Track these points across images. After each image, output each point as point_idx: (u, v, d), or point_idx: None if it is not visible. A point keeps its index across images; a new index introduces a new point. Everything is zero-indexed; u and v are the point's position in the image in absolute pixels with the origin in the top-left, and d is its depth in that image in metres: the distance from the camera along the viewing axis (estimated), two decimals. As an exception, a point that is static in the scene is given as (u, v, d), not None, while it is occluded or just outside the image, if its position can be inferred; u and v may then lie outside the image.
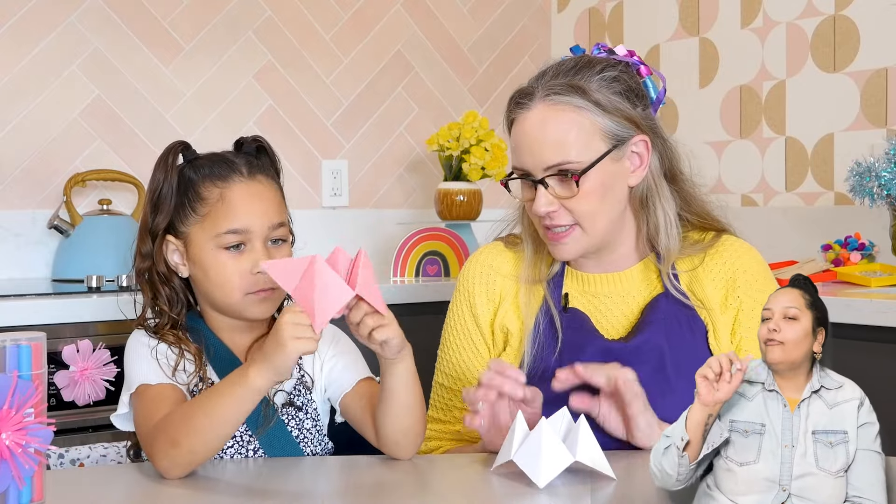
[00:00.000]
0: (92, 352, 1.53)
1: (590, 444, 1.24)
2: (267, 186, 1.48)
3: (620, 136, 1.50)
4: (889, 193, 2.35)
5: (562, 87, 1.49)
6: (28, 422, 1.09)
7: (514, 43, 3.51)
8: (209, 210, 1.45)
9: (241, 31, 3.00)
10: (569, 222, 1.50)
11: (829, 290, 2.27)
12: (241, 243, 1.44)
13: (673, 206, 1.55)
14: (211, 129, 2.92)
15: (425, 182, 3.33)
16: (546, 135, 1.48)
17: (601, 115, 1.49)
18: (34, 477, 1.13)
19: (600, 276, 1.57)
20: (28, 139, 2.68)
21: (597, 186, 1.49)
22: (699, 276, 1.53)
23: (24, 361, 1.13)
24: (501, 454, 1.27)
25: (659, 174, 1.55)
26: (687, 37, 3.17)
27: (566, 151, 1.47)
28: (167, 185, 1.47)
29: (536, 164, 1.49)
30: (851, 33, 2.77)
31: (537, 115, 1.49)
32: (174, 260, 1.48)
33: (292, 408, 1.48)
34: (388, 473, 1.32)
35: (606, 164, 1.49)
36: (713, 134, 3.09)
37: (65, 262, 2.58)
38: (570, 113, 1.48)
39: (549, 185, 1.49)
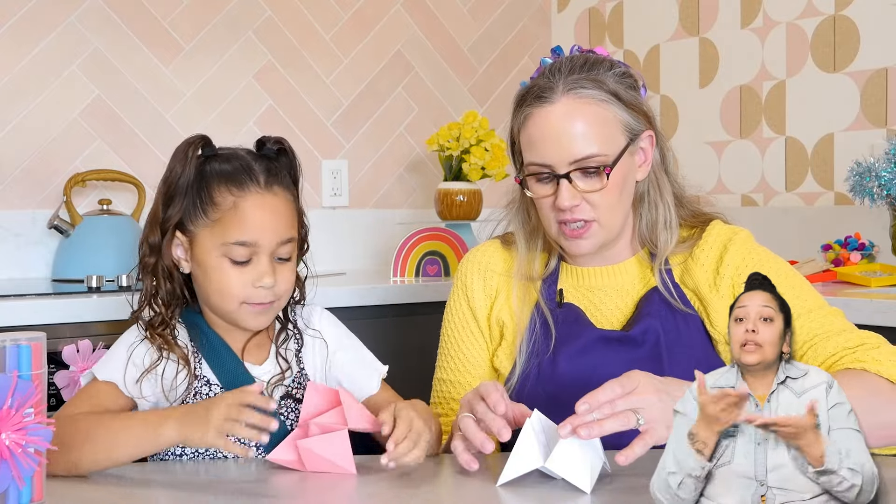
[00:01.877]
0: (92, 352, 1.54)
1: (569, 452, 1.21)
2: (282, 200, 1.46)
3: (636, 130, 1.52)
4: (889, 193, 2.35)
5: (585, 80, 1.50)
6: (28, 422, 1.09)
7: (514, 43, 3.51)
8: (220, 216, 1.43)
9: (241, 31, 3.00)
10: (590, 217, 1.51)
11: (829, 290, 2.27)
12: (248, 256, 1.43)
13: (673, 201, 1.57)
14: (211, 129, 2.88)
15: (425, 182, 3.33)
16: (573, 128, 1.48)
17: (621, 109, 1.51)
18: (34, 477, 1.13)
19: (596, 269, 1.59)
20: (28, 139, 2.68)
21: (619, 180, 1.51)
22: (689, 267, 1.55)
23: (24, 361, 1.13)
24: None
25: (661, 169, 1.57)
26: (687, 37, 3.17)
27: (593, 144, 1.48)
28: (184, 178, 1.45)
29: (563, 157, 1.49)
30: (851, 33, 2.77)
31: (562, 109, 1.49)
32: (177, 254, 1.47)
33: (291, 400, 1.48)
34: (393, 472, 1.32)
35: (625, 158, 1.51)
36: (713, 134, 3.09)
37: (65, 262, 2.58)
38: (594, 106, 1.49)
39: (573, 180, 1.50)
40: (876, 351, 1.40)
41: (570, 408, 1.34)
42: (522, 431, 1.24)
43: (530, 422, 1.26)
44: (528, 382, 1.51)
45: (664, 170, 1.58)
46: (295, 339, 1.53)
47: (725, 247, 1.54)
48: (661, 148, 1.58)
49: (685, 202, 1.61)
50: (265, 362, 1.50)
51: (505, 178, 2.99)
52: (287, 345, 1.52)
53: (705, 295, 1.52)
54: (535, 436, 1.24)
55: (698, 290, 1.53)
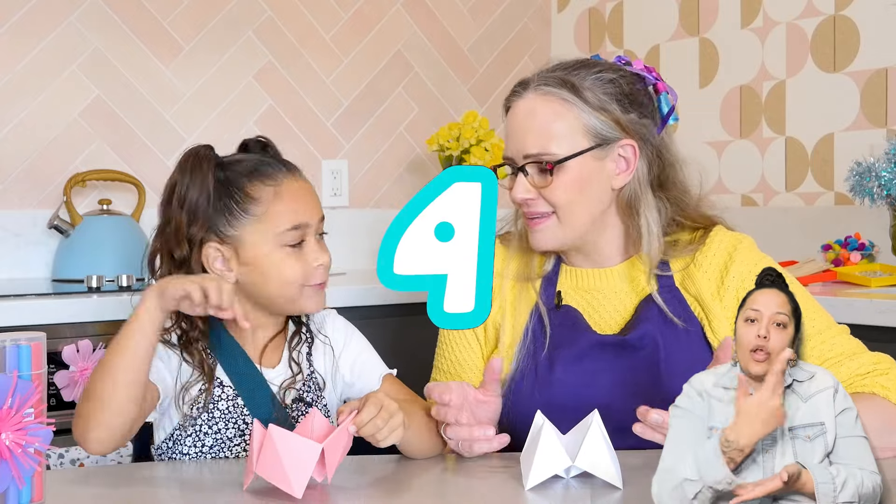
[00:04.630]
0: (92, 352, 1.54)
1: (597, 449, 1.21)
2: (306, 182, 1.51)
3: (605, 136, 1.52)
4: (889, 193, 2.35)
5: (554, 79, 1.52)
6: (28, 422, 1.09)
7: (514, 43, 3.51)
8: (266, 209, 1.44)
9: (241, 31, 3.00)
10: (545, 210, 1.53)
11: (829, 290, 2.26)
12: (300, 238, 1.45)
13: (656, 214, 1.55)
14: (211, 129, 2.92)
15: (425, 182, 3.30)
16: (531, 123, 1.52)
17: (587, 113, 1.51)
18: (34, 477, 1.13)
19: (592, 270, 1.59)
20: (28, 139, 2.68)
21: (574, 179, 1.51)
22: (691, 273, 1.54)
23: (24, 361, 1.13)
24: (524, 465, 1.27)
25: (645, 181, 1.55)
26: (687, 37, 3.17)
27: (546, 142, 1.51)
28: (204, 191, 1.43)
29: (519, 150, 1.53)
30: (851, 33, 2.77)
31: (527, 104, 1.53)
32: (216, 266, 1.45)
33: (302, 404, 1.48)
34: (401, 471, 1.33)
35: (586, 161, 1.51)
36: (713, 134, 3.09)
37: (65, 262, 2.57)
38: (556, 105, 1.51)
39: (529, 173, 1.52)
40: (884, 377, 1.42)
41: (565, 412, 1.34)
42: (543, 433, 1.23)
43: (548, 423, 1.25)
44: (523, 385, 1.51)
45: (650, 183, 1.55)
46: (307, 342, 1.53)
47: (731, 255, 1.54)
48: (649, 159, 1.54)
49: (686, 207, 1.59)
50: (278, 365, 1.50)
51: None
52: (299, 348, 1.52)
53: (707, 302, 1.52)
54: (556, 437, 1.24)
55: (700, 297, 1.52)
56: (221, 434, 1.44)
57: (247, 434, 1.44)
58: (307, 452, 1.20)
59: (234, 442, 1.44)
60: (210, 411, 1.44)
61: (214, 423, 1.44)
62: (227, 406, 1.44)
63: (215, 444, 1.44)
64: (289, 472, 1.18)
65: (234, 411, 1.45)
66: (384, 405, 1.29)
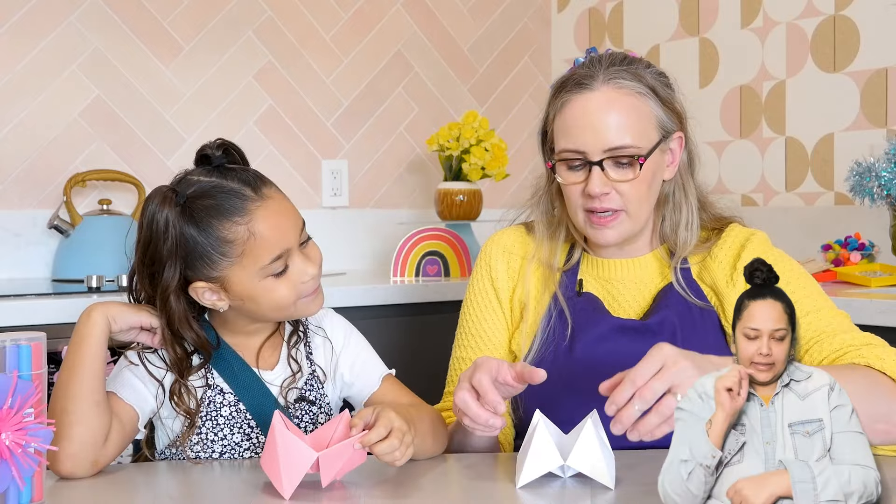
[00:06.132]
0: (92, 352, 1.53)
1: (590, 449, 1.21)
2: (277, 196, 1.43)
3: (668, 128, 1.56)
4: (889, 193, 2.35)
5: (625, 73, 1.53)
6: (28, 422, 1.09)
7: (514, 43, 3.51)
8: (243, 249, 1.39)
9: (241, 31, 3.00)
10: (618, 206, 1.54)
11: (829, 290, 2.26)
12: (286, 262, 1.42)
13: (696, 204, 1.60)
14: (211, 129, 2.92)
15: (425, 182, 3.33)
16: (610, 117, 1.51)
17: (657, 105, 1.54)
18: (34, 477, 1.13)
19: (616, 261, 1.61)
20: (28, 139, 2.68)
21: (648, 174, 1.53)
22: (707, 265, 1.58)
23: (24, 361, 1.13)
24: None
25: (686, 172, 1.61)
26: (687, 37, 3.17)
27: (628, 135, 1.51)
28: (176, 251, 1.38)
29: (598, 145, 1.52)
30: (851, 33, 2.77)
31: (602, 97, 1.52)
32: (209, 299, 1.43)
33: (305, 402, 1.48)
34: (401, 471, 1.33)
35: (656, 154, 1.55)
36: (713, 134, 3.09)
37: (65, 262, 2.58)
38: (632, 98, 1.53)
39: (605, 168, 1.52)
40: (880, 349, 1.41)
41: (585, 394, 1.33)
42: (537, 432, 1.24)
43: (543, 422, 1.25)
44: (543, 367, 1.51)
45: (690, 173, 1.61)
46: (305, 341, 1.53)
47: (743, 245, 1.57)
48: (689, 151, 1.61)
49: (707, 206, 1.64)
50: (276, 366, 1.50)
51: (505, 178, 2.99)
52: (298, 347, 1.52)
53: (722, 290, 1.55)
54: (550, 435, 1.24)
55: (715, 286, 1.56)
56: (228, 440, 1.44)
57: (254, 438, 1.44)
58: (302, 457, 1.21)
59: (243, 447, 1.44)
60: (214, 418, 1.44)
61: (220, 430, 1.44)
62: (229, 412, 1.44)
63: (225, 450, 1.44)
64: (282, 470, 1.20)
65: (238, 416, 1.44)
66: (394, 427, 1.27)
